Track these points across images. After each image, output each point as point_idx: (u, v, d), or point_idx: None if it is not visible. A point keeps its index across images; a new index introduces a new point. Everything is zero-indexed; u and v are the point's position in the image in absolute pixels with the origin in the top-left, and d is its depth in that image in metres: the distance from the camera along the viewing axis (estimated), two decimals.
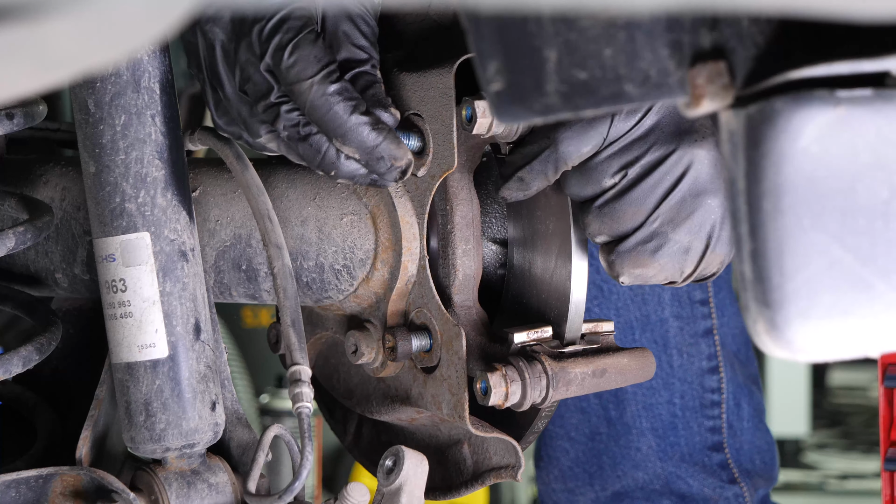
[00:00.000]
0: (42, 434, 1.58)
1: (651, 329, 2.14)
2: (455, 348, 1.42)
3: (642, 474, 2.16)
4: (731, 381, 2.18)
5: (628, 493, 2.17)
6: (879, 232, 0.83)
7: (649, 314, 2.14)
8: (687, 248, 1.37)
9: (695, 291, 2.14)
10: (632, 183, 1.36)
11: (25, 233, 1.40)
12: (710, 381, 2.16)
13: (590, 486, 2.19)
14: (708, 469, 2.17)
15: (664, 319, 2.13)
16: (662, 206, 1.36)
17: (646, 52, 0.84)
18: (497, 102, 0.87)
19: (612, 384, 1.44)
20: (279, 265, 1.41)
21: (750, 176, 0.83)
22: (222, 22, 1.37)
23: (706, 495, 2.17)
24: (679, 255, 1.38)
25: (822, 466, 5.48)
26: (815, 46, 0.81)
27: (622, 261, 1.39)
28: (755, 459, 2.22)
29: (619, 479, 2.17)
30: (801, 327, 0.84)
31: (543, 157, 1.38)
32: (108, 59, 0.69)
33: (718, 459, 2.18)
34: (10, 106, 1.44)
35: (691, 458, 2.16)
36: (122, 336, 1.39)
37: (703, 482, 2.16)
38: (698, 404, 2.17)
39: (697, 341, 2.15)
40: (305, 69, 1.34)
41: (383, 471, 1.43)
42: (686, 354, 2.15)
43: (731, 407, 2.19)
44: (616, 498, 2.17)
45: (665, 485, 2.16)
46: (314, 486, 3.13)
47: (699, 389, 2.16)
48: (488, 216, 1.52)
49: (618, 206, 1.37)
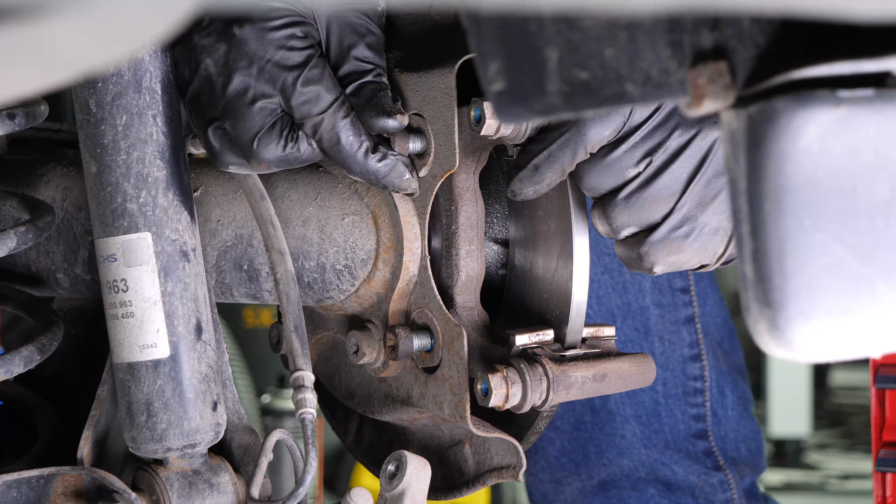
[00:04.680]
0: (43, 434, 1.58)
1: (632, 316, 2.14)
2: (456, 348, 1.42)
3: (627, 461, 2.17)
4: (714, 370, 2.19)
5: (614, 482, 2.18)
6: (880, 232, 0.83)
7: (630, 302, 2.14)
8: (716, 229, 1.37)
9: (675, 279, 2.15)
10: (657, 170, 1.35)
11: (27, 233, 1.40)
12: (693, 369, 2.17)
13: (576, 475, 2.20)
14: (692, 456, 2.18)
15: (645, 307, 2.13)
16: (689, 191, 1.36)
17: (647, 53, 0.84)
18: (498, 102, 0.87)
19: (613, 389, 1.44)
20: (282, 271, 1.41)
21: (751, 176, 0.83)
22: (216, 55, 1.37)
23: (691, 482, 2.18)
24: (710, 237, 1.38)
25: (823, 466, 5.48)
26: (817, 46, 0.81)
27: (656, 251, 1.38)
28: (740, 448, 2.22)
29: (604, 468, 2.18)
30: (802, 327, 0.84)
31: (563, 140, 1.36)
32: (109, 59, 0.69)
33: (703, 447, 2.18)
34: (11, 106, 1.44)
35: (675, 445, 2.17)
36: (124, 336, 1.39)
37: (688, 469, 2.17)
38: (681, 392, 2.17)
39: (679, 329, 2.16)
40: (315, 105, 1.37)
41: (386, 476, 1.43)
42: (668, 342, 2.16)
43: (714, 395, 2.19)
44: (602, 487, 2.18)
45: (650, 472, 2.16)
46: (315, 486, 3.13)
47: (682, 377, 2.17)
48: (490, 216, 1.52)
49: (646, 195, 1.36)
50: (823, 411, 6.02)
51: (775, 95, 0.82)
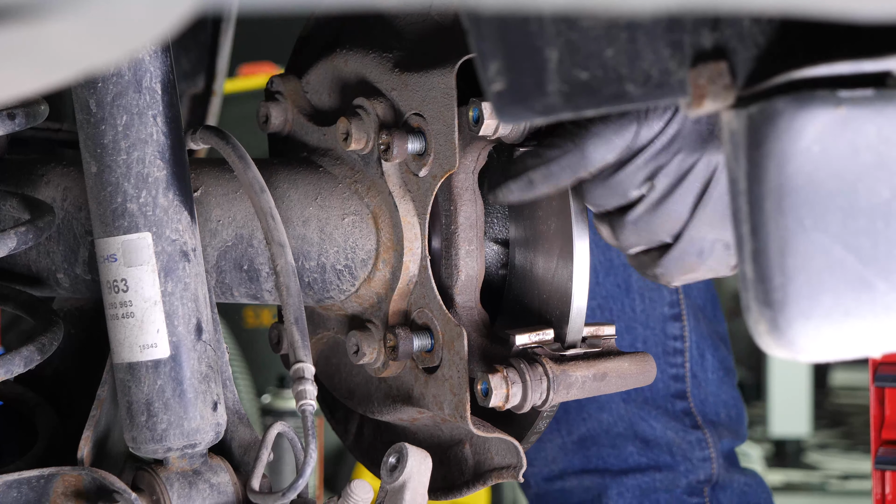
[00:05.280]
0: (43, 434, 1.58)
1: (614, 273, 2.16)
2: (457, 348, 1.42)
3: (607, 416, 2.18)
4: (695, 331, 2.21)
5: (594, 438, 2.19)
6: (881, 232, 0.83)
7: (612, 258, 2.16)
8: (728, 244, 1.38)
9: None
10: (663, 194, 1.35)
11: (27, 233, 1.40)
12: (673, 329, 2.18)
13: (556, 430, 2.21)
14: (671, 413, 2.19)
15: (627, 264, 2.14)
16: (697, 213, 1.36)
17: (647, 53, 0.84)
18: (498, 102, 0.87)
19: (613, 388, 1.44)
20: (282, 263, 1.41)
21: (751, 176, 0.83)
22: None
23: (669, 438, 2.19)
24: (724, 253, 1.38)
25: (823, 466, 5.49)
26: (817, 47, 0.81)
27: (671, 272, 1.39)
28: (720, 412, 2.24)
29: (584, 422, 2.19)
30: (802, 328, 0.84)
31: (564, 161, 1.34)
32: (109, 59, 0.69)
33: (682, 406, 2.20)
34: (11, 106, 1.44)
35: (654, 402, 2.18)
36: (124, 336, 1.39)
37: (667, 425, 2.18)
38: (661, 351, 2.19)
39: (660, 287, 2.17)
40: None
41: (387, 468, 1.43)
42: (648, 299, 2.17)
43: (694, 357, 2.21)
44: (582, 443, 2.19)
45: (629, 427, 2.18)
46: (315, 486, 3.13)
47: (661, 336, 2.18)
48: (490, 216, 1.52)
49: (653, 218, 1.36)
50: (823, 411, 6.02)
51: (775, 95, 0.82)
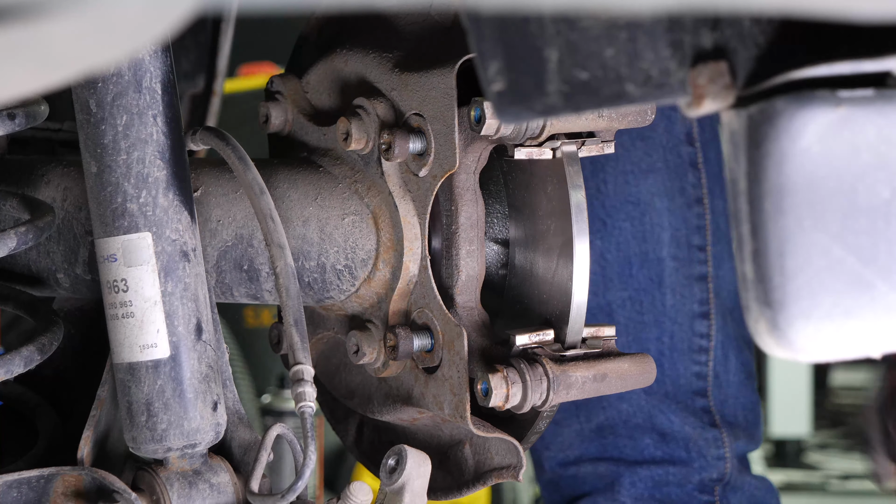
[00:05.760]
0: (43, 434, 1.58)
1: (648, 266, 2.16)
2: (457, 348, 1.42)
3: (626, 406, 2.18)
4: (721, 331, 2.21)
5: (612, 427, 2.19)
6: (881, 232, 0.83)
7: (648, 251, 2.16)
8: None
9: (693, 236, 2.17)
10: None
11: (27, 233, 1.40)
12: (700, 326, 2.19)
13: (575, 416, 2.21)
14: (690, 409, 2.19)
15: (661, 258, 2.15)
16: None
17: (647, 53, 0.84)
18: (498, 102, 0.87)
19: (613, 389, 1.44)
20: (282, 265, 1.40)
21: (751, 176, 0.83)
22: None
23: (686, 433, 2.19)
24: None
25: (823, 467, 5.48)
26: (817, 47, 0.81)
27: None
28: (738, 414, 2.24)
29: (603, 410, 2.19)
30: (802, 328, 0.84)
31: None
32: (109, 59, 0.69)
33: (701, 404, 2.20)
34: (11, 106, 1.44)
35: (675, 397, 2.18)
36: (124, 336, 1.39)
37: (685, 420, 2.18)
38: (686, 347, 2.19)
39: (691, 284, 2.17)
40: None
41: (386, 470, 1.43)
42: (679, 295, 2.17)
43: (718, 357, 2.21)
44: (599, 431, 2.19)
45: (647, 418, 2.18)
46: (315, 486, 3.13)
47: (689, 332, 2.18)
48: (490, 216, 1.52)
49: None
50: (824, 411, 6.02)
51: (775, 95, 0.82)
